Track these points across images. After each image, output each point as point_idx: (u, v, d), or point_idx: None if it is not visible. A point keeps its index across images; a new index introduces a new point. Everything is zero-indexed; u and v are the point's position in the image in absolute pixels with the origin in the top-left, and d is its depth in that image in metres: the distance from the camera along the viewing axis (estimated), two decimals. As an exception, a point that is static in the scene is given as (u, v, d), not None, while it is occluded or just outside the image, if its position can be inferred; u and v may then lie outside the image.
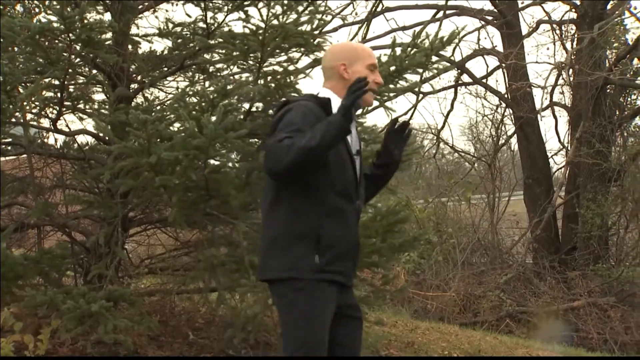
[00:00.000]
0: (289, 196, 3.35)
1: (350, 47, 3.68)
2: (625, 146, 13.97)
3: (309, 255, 3.29)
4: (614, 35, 13.09)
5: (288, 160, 3.14)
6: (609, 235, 13.36)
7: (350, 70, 3.47)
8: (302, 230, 3.31)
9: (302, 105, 3.36)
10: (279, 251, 3.34)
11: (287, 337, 3.32)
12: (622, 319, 10.75)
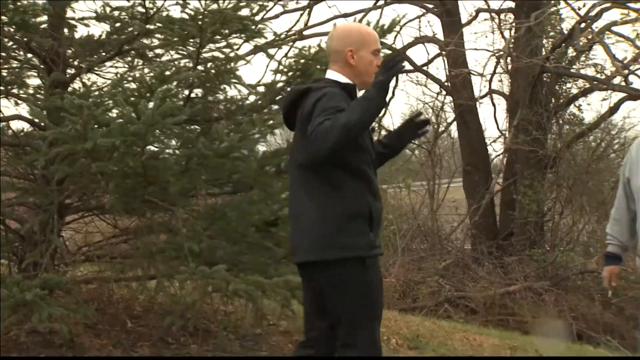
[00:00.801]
0: (337, 177, 3.39)
1: (357, 32, 3.64)
2: (561, 134, 14.26)
3: (366, 232, 3.36)
4: (550, 24, 13.33)
5: (333, 140, 3.17)
6: (544, 221, 13.63)
7: (356, 56, 3.51)
8: (357, 209, 3.37)
9: (331, 90, 3.36)
10: (339, 231, 3.36)
11: (359, 316, 3.35)
12: (556, 303, 11.00)
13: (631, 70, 11.40)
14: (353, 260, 3.36)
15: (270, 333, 5.76)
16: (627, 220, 4.45)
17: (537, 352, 6.93)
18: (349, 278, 3.39)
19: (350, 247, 3.36)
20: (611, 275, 4.50)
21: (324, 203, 3.40)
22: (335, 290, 3.40)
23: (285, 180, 5.41)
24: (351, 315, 3.38)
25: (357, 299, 3.37)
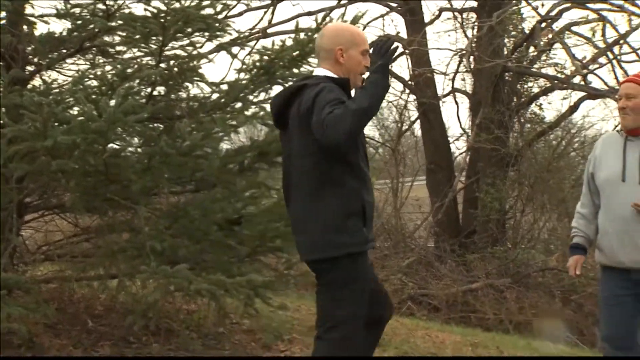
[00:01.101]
0: (337, 175, 3.50)
1: (347, 31, 3.74)
2: (522, 132, 14.41)
3: (360, 228, 3.49)
4: (512, 23, 13.45)
5: (346, 126, 3.25)
6: (506, 218, 13.76)
7: (346, 54, 3.60)
8: (353, 206, 3.49)
9: (328, 85, 3.45)
10: (336, 229, 3.48)
11: (344, 311, 3.47)
12: (517, 300, 11.12)
13: (590, 69, 11.56)
14: (348, 257, 3.47)
15: (233, 332, 5.74)
16: (592, 215, 4.53)
17: (498, 349, 7.00)
18: (340, 276, 3.49)
19: (347, 244, 3.47)
20: (576, 263, 4.56)
21: (322, 203, 3.50)
22: (329, 285, 3.51)
23: (249, 177, 5.40)
24: (333, 310, 3.49)
25: (345, 295, 3.48)
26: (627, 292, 4.37)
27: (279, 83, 5.15)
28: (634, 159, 4.30)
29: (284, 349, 5.69)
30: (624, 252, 4.28)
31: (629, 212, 4.25)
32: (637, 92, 4.33)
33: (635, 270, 4.29)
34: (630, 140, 4.37)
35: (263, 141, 5.27)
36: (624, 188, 4.29)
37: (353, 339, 3.48)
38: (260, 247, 5.23)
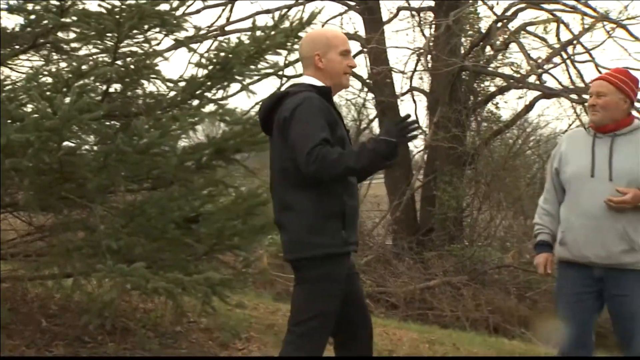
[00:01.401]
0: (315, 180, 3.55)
1: (322, 36, 3.84)
2: (479, 131, 14.56)
3: (339, 230, 3.58)
4: (469, 23, 13.58)
5: (334, 174, 3.47)
6: (463, 216, 13.90)
7: (324, 59, 3.72)
8: (332, 208, 3.59)
9: (311, 100, 3.58)
10: (314, 230, 3.58)
11: (305, 308, 3.60)
12: (474, 297, 11.22)
13: (545, 69, 11.71)
14: (325, 257, 3.56)
15: (190, 330, 5.72)
16: (557, 211, 4.56)
17: (455, 346, 7.06)
18: (314, 275, 3.59)
19: (324, 245, 3.56)
20: (545, 261, 4.58)
21: (302, 204, 3.59)
22: (304, 283, 3.62)
23: (207, 175, 5.38)
24: (299, 306, 3.63)
25: (314, 293, 3.59)
26: (588, 289, 4.41)
27: (236, 80, 5.14)
28: (603, 155, 4.34)
29: (242, 347, 5.69)
30: (590, 247, 4.31)
31: (598, 207, 4.28)
32: (608, 91, 4.37)
33: (599, 266, 4.33)
34: (599, 137, 4.40)
35: (220, 138, 5.25)
36: (593, 184, 4.32)
37: (317, 335, 3.57)
38: (218, 245, 5.21)
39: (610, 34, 10.02)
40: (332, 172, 3.47)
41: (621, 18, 9.89)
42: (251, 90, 5.39)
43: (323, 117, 3.55)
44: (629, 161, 4.29)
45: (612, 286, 4.34)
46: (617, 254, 4.25)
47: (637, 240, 4.26)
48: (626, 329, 4.37)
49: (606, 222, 4.25)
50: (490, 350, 7.30)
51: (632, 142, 4.35)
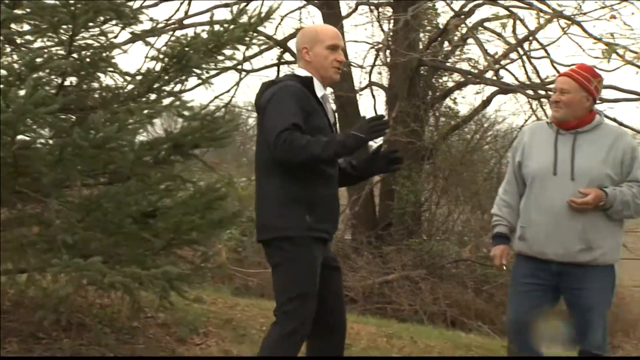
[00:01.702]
0: (283, 165, 3.73)
1: (312, 30, 4.04)
2: (437, 126, 14.66)
3: (302, 215, 3.73)
4: (427, 18, 13.65)
5: (301, 159, 3.63)
6: (421, 211, 13.97)
7: (311, 52, 3.87)
8: (297, 193, 3.75)
9: (287, 87, 3.77)
10: (274, 214, 3.79)
11: (281, 291, 3.77)
12: (432, 291, 11.31)
13: (502, 65, 11.84)
14: (286, 240, 3.74)
15: (147, 326, 5.69)
16: (517, 203, 4.59)
17: (412, 339, 7.12)
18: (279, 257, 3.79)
19: (285, 228, 3.75)
20: (502, 253, 4.62)
21: (269, 187, 3.82)
22: (274, 268, 3.83)
23: (164, 170, 5.34)
24: (277, 290, 3.80)
25: (283, 275, 3.77)
26: (542, 282, 4.47)
27: (194, 73, 5.11)
28: (566, 153, 4.38)
29: (200, 342, 5.67)
30: (549, 244, 4.36)
31: (558, 206, 4.33)
32: (571, 88, 4.40)
33: (557, 263, 4.39)
34: (561, 134, 4.44)
35: (178, 133, 5.21)
36: (555, 181, 4.37)
37: (294, 318, 3.71)
38: (176, 239, 5.18)
39: (565, 31, 10.15)
40: (299, 158, 3.62)
41: (575, 15, 10.01)
42: (210, 83, 5.39)
43: (297, 104, 3.70)
44: (591, 160, 4.34)
45: (570, 280, 4.40)
46: (575, 253, 4.32)
47: (596, 240, 4.33)
48: (583, 322, 4.44)
49: (566, 221, 4.32)
50: (447, 343, 7.37)
51: (594, 140, 4.40)
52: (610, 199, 4.25)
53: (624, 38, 10.07)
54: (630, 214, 4.38)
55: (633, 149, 4.40)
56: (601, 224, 4.33)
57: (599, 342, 4.40)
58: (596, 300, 4.40)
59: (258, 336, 6.04)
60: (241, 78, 13.70)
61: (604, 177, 4.31)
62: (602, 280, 4.40)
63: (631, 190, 4.30)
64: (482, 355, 7.19)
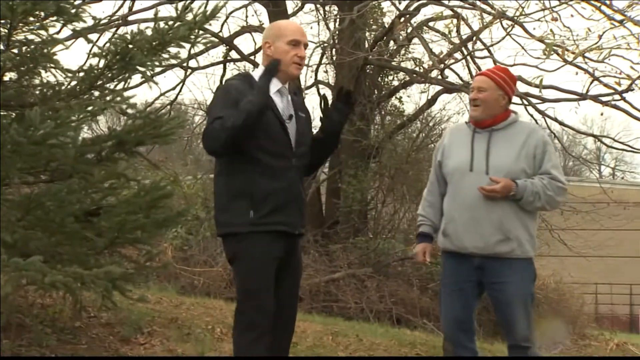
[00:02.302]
0: (227, 160, 3.92)
1: (275, 26, 4.17)
2: (383, 124, 14.74)
3: (246, 210, 3.83)
4: (373, 17, 13.71)
5: (222, 139, 3.74)
6: (368, 209, 14.04)
7: (273, 47, 4.00)
8: (238, 189, 3.86)
9: (227, 84, 4.03)
10: (220, 210, 3.96)
11: (236, 287, 3.99)
12: (378, 289, 11.37)
13: (446, 64, 11.94)
14: (232, 236, 3.89)
15: (90, 326, 5.62)
16: (439, 202, 4.77)
17: (358, 337, 7.15)
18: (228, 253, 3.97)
19: (228, 224, 3.89)
20: (424, 250, 4.82)
21: (218, 183, 3.99)
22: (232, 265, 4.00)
23: (108, 168, 5.27)
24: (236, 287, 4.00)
25: (236, 271, 3.95)
26: (468, 278, 4.63)
27: (137, 71, 5.05)
28: (481, 149, 4.59)
29: (144, 341, 5.63)
30: (469, 238, 4.54)
31: (475, 199, 4.52)
32: (489, 86, 4.62)
33: (478, 256, 4.55)
34: (477, 132, 4.67)
35: (122, 131, 5.15)
36: (472, 177, 4.56)
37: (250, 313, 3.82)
38: (119, 238, 5.11)
39: (508, 32, 10.29)
40: (222, 137, 3.75)
41: (518, 16, 10.16)
42: (154, 81, 5.33)
43: (227, 99, 3.84)
44: (505, 156, 4.56)
45: (490, 274, 4.58)
46: (493, 244, 4.50)
47: (512, 230, 4.52)
48: (506, 315, 4.60)
49: (483, 214, 4.51)
50: (392, 341, 7.43)
51: (508, 136, 4.64)
52: (520, 189, 4.46)
53: (564, 39, 10.26)
54: (542, 205, 4.60)
55: (545, 143, 4.64)
56: (516, 215, 4.55)
57: (524, 334, 4.55)
58: (517, 293, 4.57)
59: (203, 335, 6.02)
60: (187, 76, 13.60)
61: (519, 172, 4.54)
62: (521, 274, 4.59)
63: (542, 182, 4.52)
64: (427, 352, 7.25)
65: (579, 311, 13.42)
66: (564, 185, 4.61)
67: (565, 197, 4.71)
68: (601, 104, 11.02)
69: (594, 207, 15.46)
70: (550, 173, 4.55)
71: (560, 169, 4.65)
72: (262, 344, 3.85)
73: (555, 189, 4.54)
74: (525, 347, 4.53)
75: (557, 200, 4.60)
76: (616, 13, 9.89)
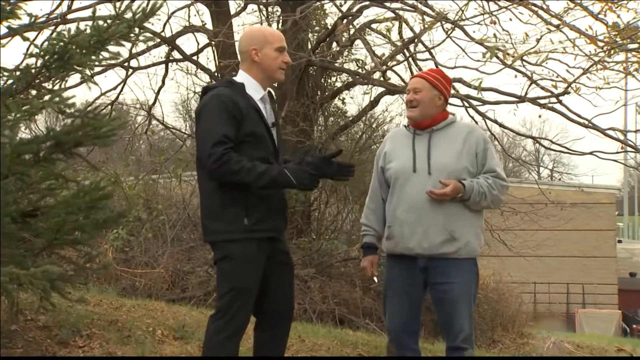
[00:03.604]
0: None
1: (260, 32, 4.25)
2: (326, 125, 14.79)
3: (239, 218, 3.93)
4: (316, 18, 13.74)
5: (232, 180, 3.84)
6: (311, 210, 14.06)
7: (260, 53, 4.08)
8: (234, 196, 3.92)
9: (218, 97, 3.95)
10: (212, 217, 4.01)
11: (220, 287, 4.07)
12: (321, 289, 11.39)
13: (389, 66, 12.03)
14: (225, 242, 3.98)
15: (27, 329, 5.52)
16: (381, 209, 4.79)
17: (300, 338, 7.16)
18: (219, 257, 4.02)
19: (224, 231, 3.97)
20: (371, 264, 4.85)
21: (207, 191, 4.02)
22: (216, 265, 4.09)
23: (45, 168, 5.18)
24: (218, 286, 4.09)
25: (222, 273, 4.02)
26: (413, 280, 4.66)
27: (76, 70, 4.98)
28: (423, 150, 4.63)
29: (83, 344, 5.55)
30: (414, 239, 4.56)
31: (420, 200, 4.55)
32: (424, 87, 4.68)
33: (422, 257, 4.57)
34: (418, 134, 4.72)
35: (60, 131, 5.07)
36: (415, 178, 4.59)
37: (231, 311, 3.96)
38: (58, 239, 5.04)
39: (448, 34, 10.42)
40: (228, 179, 3.84)
41: (458, 19, 10.30)
42: (93, 81, 5.28)
43: (227, 114, 3.89)
44: (445, 155, 4.61)
45: (435, 275, 4.61)
46: (438, 244, 4.54)
47: (457, 230, 4.55)
48: (448, 315, 4.64)
49: (427, 214, 4.55)
50: (334, 341, 7.45)
51: (448, 136, 4.70)
52: (467, 190, 4.52)
53: (504, 43, 10.43)
54: (488, 204, 4.67)
55: (484, 141, 4.72)
56: (461, 215, 4.59)
57: (465, 336, 4.59)
58: (460, 294, 4.61)
59: (144, 337, 5.96)
60: (128, 75, 13.45)
61: (461, 170, 4.60)
62: (465, 275, 4.62)
63: (487, 181, 4.59)
64: (369, 352, 7.30)
65: (518, 310, 13.64)
66: (507, 184, 4.70)
67: (506, 195, 4.79)
68: (539, 106, 11.23)
69: (532, 207, 15.75)
70: (494, 171, 4.62)
71: (502, 167, 4.74)
72: (236, 344, 4.06)
73: (500, 188, 4.61)
74: (464, 348, 4.57)
75: (501, 199, 4.67)
76: (553, 18, 10.09)
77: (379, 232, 4.85)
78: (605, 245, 28.13)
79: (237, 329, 4.05)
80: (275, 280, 4.20)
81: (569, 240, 27.12)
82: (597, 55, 10.11)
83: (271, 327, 4.29)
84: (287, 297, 4.34)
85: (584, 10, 10.04)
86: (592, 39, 9.76)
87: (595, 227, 27.66)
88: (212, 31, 13.08)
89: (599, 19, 9.96)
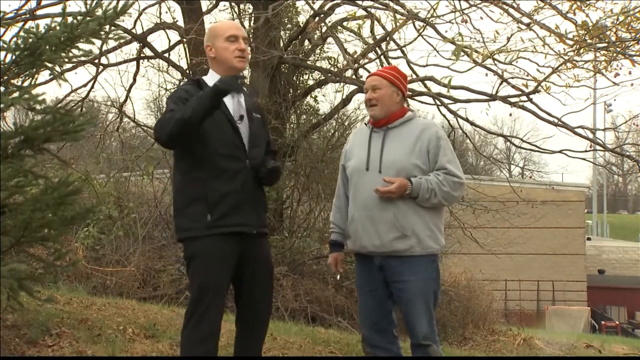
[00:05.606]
0: (182, 164, 4.03)
1: (210, 29, 4.27)
2: (299, 123, 14.79)
3: (202, 214, 3.94)
4: (287, 16, 13.73)
5: (168, 130, 3.82)
6: (283, 208, 14.06)
7: (214, 49, 4.15)
8: (193, 193, 3.96)
9: (178, 89, 4.13)
10: (178, 214, 4.06)
11: (191, 286, 4.08)
12: (293, 287, 11.39)
13: (361, 64, 12.06)
14: (190, 239, 4.00)
15: (-6, 328, 5.45)
16: (346, 207, 4.80)
17: (272, 336, 7.15)
18: (186, 255, 4.05)
19: (186, 228, 4.00)
20: (336, 261, 4.86)
21: (174, 189, 4.10)
22: (185, 262, 4.10)
23: (14, 165, 5.12)
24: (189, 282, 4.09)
25: (190, 271, 4.03)
26: (374, 279, 4.67)
27: (46, 67, 4.93)
28: (377, 148, 4.65)
29: (52, 343, 5.49)
30: (367, 237, 4.58)
31: (371, 198, 4.57)
32: (382, 84, 4.69)
33: (378, 255, 4.58)
34: (375, 131, 4.73)
35: (28, 127, 5.02)
36: (367, 176, 4.61)
37: (201, 308, 3.96)
38: (26, 237, 4.99)
39: (420, 32, 10.47)
40: (166, 129, 3.82)
41: (430, 18, 10.34)
42: (64, 78, 5.23)
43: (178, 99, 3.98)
44: (397, 152, 4.61)
45: (391, 273, 4.62)
46: (390, 242, 4.54)
47: (408, 227, 4.55)
48: (407, 314, 4.63)
49: (378, 212, 4.56)
50: (306, 339, 7.45)
51: (403, 133, 4.70)
52: (415, 188, 4.49)
53: (474, 41, 10.50)
54: (439, 201, 4.58)
55: (438, 138, 4.66)
56: (413, 212, 4.56)
57: (425, 333, 4.57)
58: (418, 291, 4.58)
59: (114, 336, 5.92)
60: (99, 72, 13.36)
61: (412, 168, 4.57)
62: (422, 272, 4.58)
63: (437, 178, 4.55)
64: (341, 349, 7.30)
65: (489, 307, 13.74)
66: (460, 180, 4.58)
67: (462, 191, 4.70)
68: (510, 104, 11.31)
69: (504, 205, 15.87)
70: (445, 168, 4.55)
71: (457, 164, 4.63)
72: (211, 343, 4.05)
73: (451, 184, 4.53)
74: (426, 345, 4.54)
75: (454, 195, 4.58)
76: (524, 16, 10.17)
77: (344, 229, 4.85)
78: (575, 242, 28.44)
79: (209, 328, 4.03)
80: (249, 278, 4.18)
81: (539, 237, 27.38)
82: (567, 54, 10.21)
83: (246, 324, 4.30)
84: (262, 296, 4.30)
85: (553, 9, 10.14)
86: (562, 37, 9.85)
87: (565, 225, 27.98)
88: (184, 28, 13.04)
89: (568, 18, 10.06)
